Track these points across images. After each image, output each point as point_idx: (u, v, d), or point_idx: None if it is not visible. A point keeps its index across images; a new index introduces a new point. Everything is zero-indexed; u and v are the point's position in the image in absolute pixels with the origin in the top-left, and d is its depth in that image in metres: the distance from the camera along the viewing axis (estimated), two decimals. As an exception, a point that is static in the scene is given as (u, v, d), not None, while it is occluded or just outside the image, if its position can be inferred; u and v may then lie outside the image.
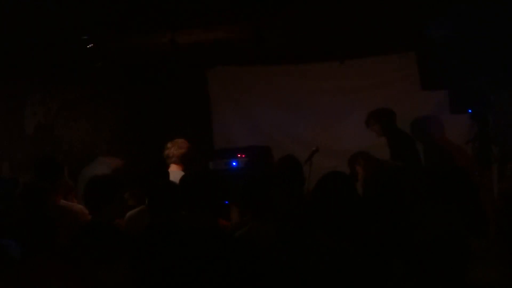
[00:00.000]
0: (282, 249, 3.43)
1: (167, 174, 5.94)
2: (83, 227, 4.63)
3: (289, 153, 6.81)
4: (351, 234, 3.71)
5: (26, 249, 3.96)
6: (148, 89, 9.31)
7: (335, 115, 8.91)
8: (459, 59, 7.67)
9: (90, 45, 7.21)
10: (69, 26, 6.64)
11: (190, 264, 3.66)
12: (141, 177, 5.62)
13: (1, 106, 7.47)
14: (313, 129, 9.00)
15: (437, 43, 7.70)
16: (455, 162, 8.13)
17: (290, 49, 8.67)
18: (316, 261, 3.38)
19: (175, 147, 6.98)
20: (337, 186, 4.38)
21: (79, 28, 6.77)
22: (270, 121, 9.25)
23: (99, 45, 7.26)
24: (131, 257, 3.99)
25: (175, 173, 6.23)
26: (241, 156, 8.04)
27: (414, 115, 8.19)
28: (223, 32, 7.61)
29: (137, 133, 9.32)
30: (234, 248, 3.77)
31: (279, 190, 4.49)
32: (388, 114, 7.65)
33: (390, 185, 4.59)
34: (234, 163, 7.99)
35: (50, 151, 7.77)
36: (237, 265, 3.59)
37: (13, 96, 7.64)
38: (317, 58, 8.91)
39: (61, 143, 8.27)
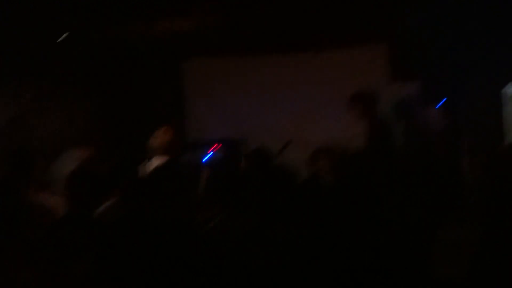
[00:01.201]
0: (250, 240, 3.47)
1: (141, 165, 5.90)
2: (58, 220, 4.62)
3: (263, 144, 6.82)
4: (317, 226, 3.75)
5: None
6: (122, 80, 9.26)
7: (309, 106, 8.94)
8: (430, 49, 7.74)
9: (63, 36, 7.17)
10: (42, 16, 6.60)
11: (160, 256, 3.68)
12: (114, 169, 5.58)
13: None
14: (287, 121, 9.03)
15: (409, 33, 7.77)
16: (432, 150, 8.21)
17: (264, 40, 8.68)
18: (275, 253, 3.41)
19: (157, 137, 6.73)
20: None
21: (52, 18, 6.72)
22: (244, 113, 9.26)
23: (72, 35, 7.23)
24: (102, 249, 4.00)
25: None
26: (215, 148, 8.04)
27: (388, 105, 8.22)
28: (197, 22, 7.60)
29: (111, 125, 9.27)
30: (203, 240, 3.82)
31: (251, 182, 4.51)
32: (369, 95, 7.62)
33: (356, 177, 4.64)
34: (208, 155, 7.99)
35: (23, 143, 7.71)
36: (206, 257, 3.63)
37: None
38: (291, 49, 8.93)
39: (34, 135, 8.21)
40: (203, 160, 7.79)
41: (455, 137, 7.82)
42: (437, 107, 8.03)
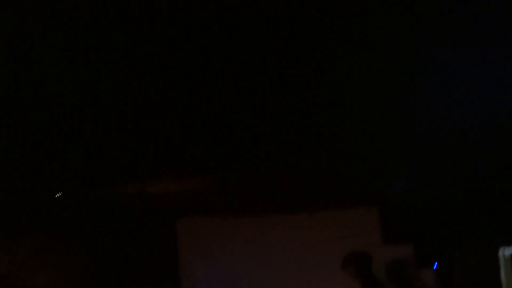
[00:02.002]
0: None
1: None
2: None
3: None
4: None
5: None
6: (116, 239, 9.28)
7: (303, 267, 8.91)
8: (422, 214, 7.79)
9: (58, 194, 7.26)
10: (37, 175, 6.71)
11: None
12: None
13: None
14: (282, 281, 8.96)
15: (400, 198, 7.87)
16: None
17: (258, 201, 8.77)
18: None
19: None
20: None
21: (47, 177, 6.84)
22: (239, 273, 9.20)
23: (66, 194, 7.32)
24: None
25: None
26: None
27: (380, 268, 8.19)
28: (191, 183, 7.70)
29: (104, 284, 9.18)
30: None
31: None
32: (363, 256, 7.73)
33: None
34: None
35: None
36: None
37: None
38: (285, 210, 9.00)
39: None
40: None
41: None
42: (430, 270, 7.99)
